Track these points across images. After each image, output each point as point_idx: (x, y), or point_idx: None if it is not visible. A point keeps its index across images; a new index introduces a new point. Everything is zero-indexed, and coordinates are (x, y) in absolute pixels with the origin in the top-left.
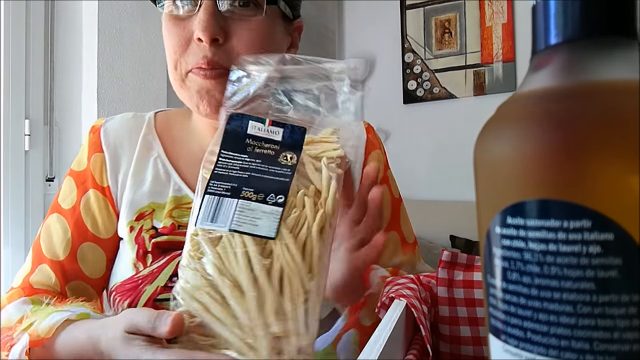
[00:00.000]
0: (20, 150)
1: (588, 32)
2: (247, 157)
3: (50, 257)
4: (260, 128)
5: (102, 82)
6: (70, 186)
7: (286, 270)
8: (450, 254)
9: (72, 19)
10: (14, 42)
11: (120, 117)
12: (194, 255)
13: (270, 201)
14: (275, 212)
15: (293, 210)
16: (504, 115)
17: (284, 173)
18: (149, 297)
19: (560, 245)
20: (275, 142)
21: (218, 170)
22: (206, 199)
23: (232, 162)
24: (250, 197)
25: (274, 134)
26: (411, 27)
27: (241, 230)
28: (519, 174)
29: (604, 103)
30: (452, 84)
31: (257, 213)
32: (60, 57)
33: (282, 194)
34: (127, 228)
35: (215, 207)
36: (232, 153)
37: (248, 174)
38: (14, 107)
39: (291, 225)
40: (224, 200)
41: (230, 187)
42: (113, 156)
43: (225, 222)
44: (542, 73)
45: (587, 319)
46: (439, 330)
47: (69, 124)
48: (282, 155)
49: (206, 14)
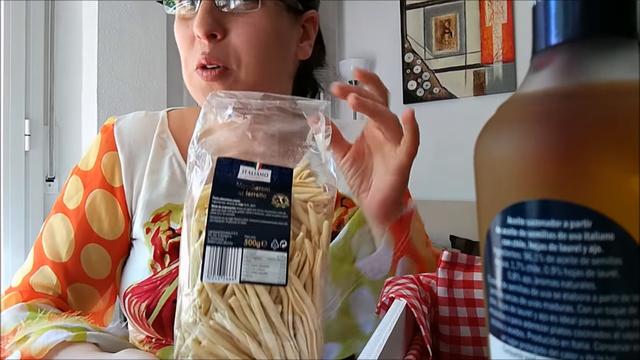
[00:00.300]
0: (20, 150)
1: (588, 32)
2: (240, 202)
3: (52, 258)
4: (250, 172)
5: (102, 82)
6: (77, 186)
7: (297, 313)
8: (450, 254)
9: (72, 19)
10: (14, 42)
11: (133, 116)
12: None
13: (275, 247)
14: (282, 258)
15: (295, 254)
16: (504, 116)
17: (280, 217)
18: (168, 298)
19: (561, 245)
20: (265, 184)
21: (213, 218)
22: (208, 251)
23: (226, 208)
24: (255, 244)
25: (263, 177)
26: (411, 27)
27: (252, 280)
28: (519, 174)
29: (604, 103)
30: (452, 84)
31: (264, 261)
32: (60, 57)
33: (284, 239)
34: (144, 229)
35: (220, 259)
36: (224, 199)
37: (246, 220)
38: (14, 107)
39: (295, 268)
40: (227, 250)
41: (231, 236)
42: (128, 155)
43: (235, 273)
44: (543, 73)
45: (587, 319)
46: (439, 330)
47: (69, 124)
48: (274, 198)
49: (202, 11)
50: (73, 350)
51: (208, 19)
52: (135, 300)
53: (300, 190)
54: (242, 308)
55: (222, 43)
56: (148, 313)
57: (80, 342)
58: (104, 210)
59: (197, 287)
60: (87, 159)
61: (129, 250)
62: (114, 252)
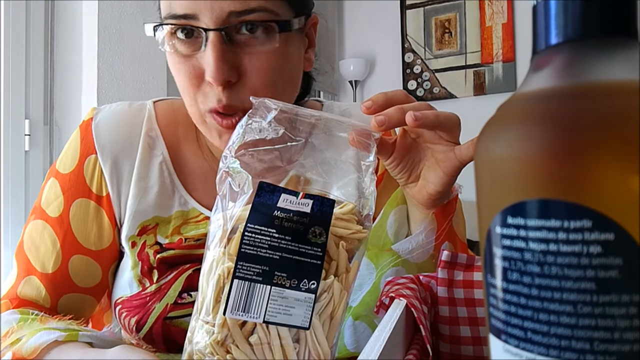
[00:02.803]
0: (20, 150)
1: (589, 32)
2: (276, 233)
3: (39, 269)
4: (291, 201)
5: (102, 82)
6: (56, 191)
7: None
8: (450, 254)
9: (72, 19)
10: (14, 42)
11: (113, 110)
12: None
13: (304, 287)
14: (309, 300)
15: (323, 295)
16: (504, 115)
17: (314, 254)
18: (158, 316)
19: (561, 245)
20: (304, 215)
21: (245, 248)
22: (235, 285)
23: (260, 238)
24: (284, 283)
25: (304, 206)
26: (411, 27)
27: (276, 321)
28: (519, 174)
29: (605, 103)
30: (452, 84)
31: (290, 301)
32: (60, 57)
33: (314, 280)
34: (129, 243)
35: (246, 295)
36: (259, 227)
37: (279, 254)
38: (14, 107)
39: (318, 309)
40: (255, 286)
41: (262, 271)
42: (111, 159)
43: (259, 312)
44: (543, 73)
45: (587, 319)
46: (439, 330)
47: (69, 124)
48: (311, 231)
49: (215, 55)
50: (66, 348)
51: (224, 66)
52: (125, 313)
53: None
54: (261, 346)
55: (238, 86)
56: (138, 328)
57: (72, 342)
58: (90, 221)
59: (219, 320)
60: (65, 160)
61: (119, 255)
62: (102, 261)
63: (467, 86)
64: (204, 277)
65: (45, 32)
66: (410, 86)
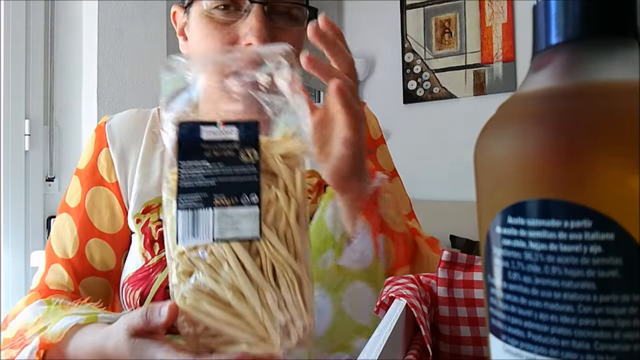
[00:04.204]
0: (20, 150)
1: (589, 32)
2: (208, 163)
3: (61, 256)
4: (214, 131)
5: (102, 82)
6: (76, 185)
7: (276, 264)
8: (450, 254)
9: (72, 19)
10: (14, 42)
11: (124, 113)
12: (186, 271)
13: (245, 202)
14: (254, 213)
15: (270, 205)
16: (504, 115)
17: (249, 172)
18: (160, 285)
19: (561, 245)
20: (232, 142)
21: (183, 183)
22: (180, 215)
23: (195, 171)
24: (225, 203)
25: (229, 134)
26: (411, 27)
27: (226, 237)
28: (519, 174)
29: (605, 103)
30: (452, 84)
31: (236, 218)
32: (60, 57)
33: (254, 193)
34: (134, 220)
35: (192, 222)
36: (191, 162)
37: (215, 180)
38: (14, 107)
39: (271, 221)
40: (198, 212)
41: (201, 198)
42: (120, 151)
43: (208, 233)
44: (543, 73)
45: (587, 319)
46: (439, 330)
47: (69, 124)
48: (242, 154)
49: (259, 21)
50: (86, 329)
51: (265, 30)
52: (130, 288)
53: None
54: (220, 264)
55: None
56: (142, 300)
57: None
58: (103, 205)
59: (176, 252)
60: (83, 158)
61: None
62: (116, 245)
63: (467, 86)
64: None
65: (45, 32)
66: (410, 86)
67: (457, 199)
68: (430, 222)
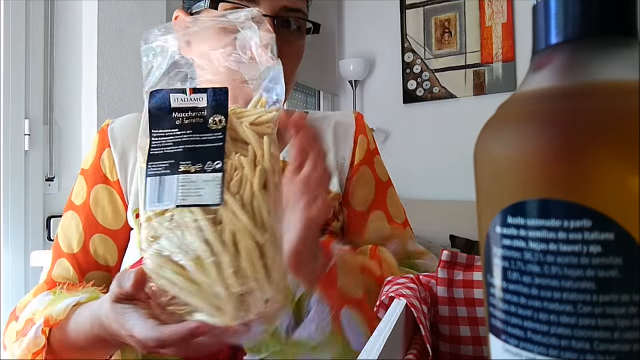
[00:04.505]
0: (20, 150)
1: (588, 32)
2: (178, 131)
3: (67, 251)
4: (183, 99)
5: (102, 82)
6: (81, 184)
7: (237, 233)
8: (450, 254)
9: (72, 19)
10: (14, 42)
11: (126, 117)
12: (152, 238)
13: (209, 169)
14: (217, 179)
15: (235, 173)
16: (504, 115)
17: (215, 138)
18: None
19: (561, 245)
20: (201, 109)
21: (153, 151)
22: (149, 182)
23: (165, 139)
24: (189, 169)
25: (198, 101)
26: (411, 27)
27: (188, 204)
28: (519, 174)
29: (605, 103)
30: (452, 84)
31: (199, 184)
32: (60, 57)
33: (218, 159)
34: (133, 215)
35: (158, 188)
36: (162, 131)
37: (182, 147)
38: (14, 107)
39: (236, 189)
40: (165, 179)
41: (168, 165)
42: (121, 151)
43: (171, 199)
44: (543, 73)
45: (587, 318)
46: (439, 330)
47: (69, 124)
48: (211, 121)
49: None
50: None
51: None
52: None
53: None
54: (179, 230)
55: None
56: None
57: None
58: (106, 202)
59: (144, 217)
60: (87, 159)
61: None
62: (119, 240)
63: (467, 86)
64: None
65: (45, 32)
66: (410, 86)
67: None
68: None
